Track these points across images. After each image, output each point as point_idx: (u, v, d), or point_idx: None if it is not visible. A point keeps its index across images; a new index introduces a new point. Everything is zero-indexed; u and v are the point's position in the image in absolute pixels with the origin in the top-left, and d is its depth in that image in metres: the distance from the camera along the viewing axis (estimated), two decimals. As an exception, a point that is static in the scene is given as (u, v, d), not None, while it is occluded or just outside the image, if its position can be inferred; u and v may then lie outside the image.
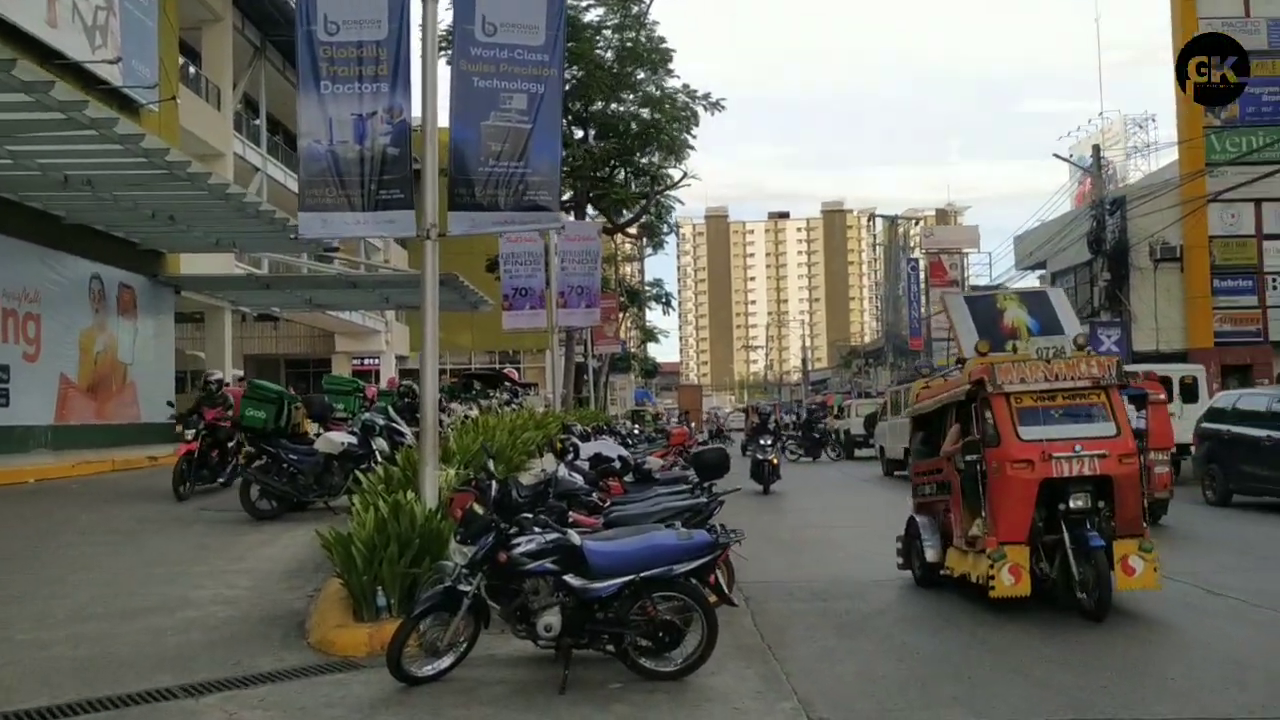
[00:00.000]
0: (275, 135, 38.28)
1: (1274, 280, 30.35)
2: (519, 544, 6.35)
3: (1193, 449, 17.97)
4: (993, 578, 8.15)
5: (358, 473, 10.92)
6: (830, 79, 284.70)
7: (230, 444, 14.26)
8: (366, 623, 7.47)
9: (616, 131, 28.89)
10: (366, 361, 50.30)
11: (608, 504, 9.62)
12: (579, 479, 9.82)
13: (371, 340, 48.19)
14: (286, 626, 7.81)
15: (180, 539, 11.46)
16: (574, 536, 6.46)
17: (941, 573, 9.43)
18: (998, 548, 8.21)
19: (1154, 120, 48.79)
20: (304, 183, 9.55)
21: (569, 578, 6.29)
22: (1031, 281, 48.90)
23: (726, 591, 6.69)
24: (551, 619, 6.25)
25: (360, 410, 15.45)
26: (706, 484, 10.53)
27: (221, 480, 14.27)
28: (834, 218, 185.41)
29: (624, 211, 31.49)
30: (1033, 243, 38.14)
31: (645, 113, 28.89)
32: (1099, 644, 7.53)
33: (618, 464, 11.61)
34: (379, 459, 12.51)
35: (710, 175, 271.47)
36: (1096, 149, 31.49)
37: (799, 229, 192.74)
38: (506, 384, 29.49)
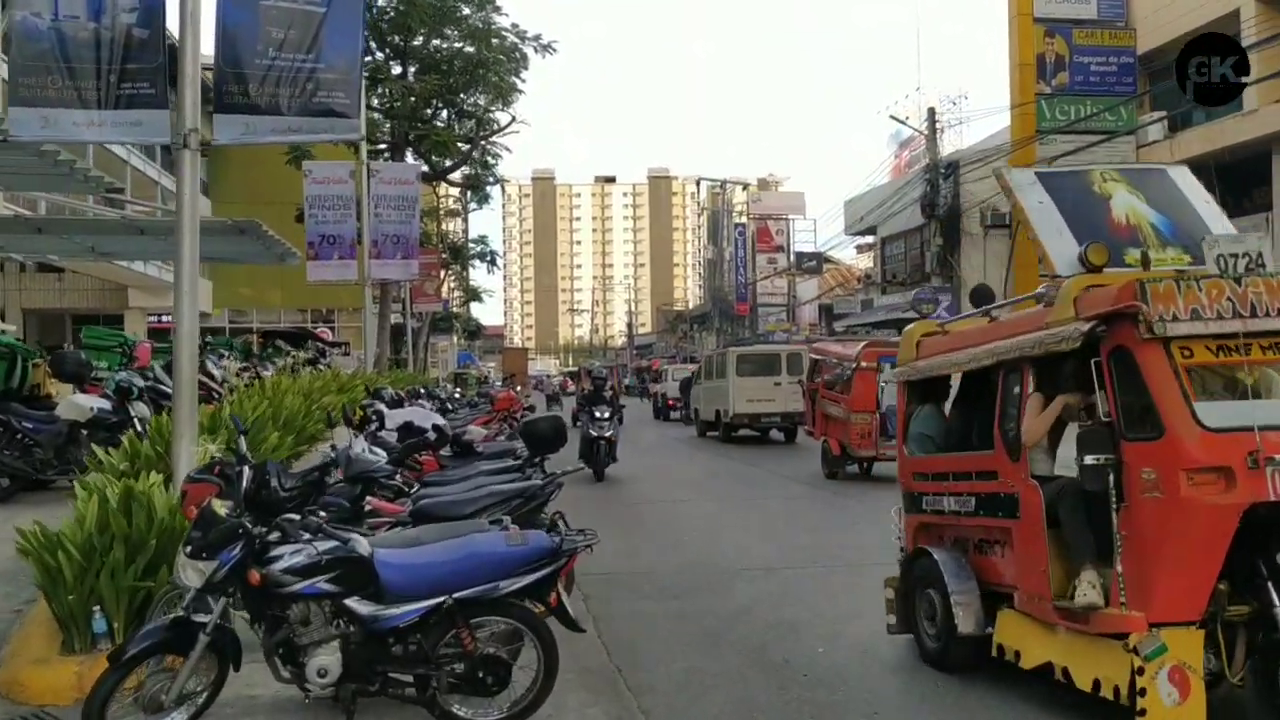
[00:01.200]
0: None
1: (1097, 250, 30.75)
2: (280, 556, 4.50)
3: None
4: (1142, 691, 4.61)
5: (95, 447, 8.68)
6: (655, 48, 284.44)
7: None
8: (78, 654, 5.50)
9: (439, 69, 26.47)
10: (165, 319, 46.15)
11: (415, 488, 7.81)
12: (380, 455, 7.96)
13: (169, 295, 43.93)
14: (-34, 661, 5.71)
15: None
16: (360, 545, 4.66)
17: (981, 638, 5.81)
18: (1149, 633, 4.68)
19: (966, 97, 49.64)
20: (17, 68, 7.33)
21: (353, 601, 4.52)
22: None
23: (571, 614, 4.99)
24: (327, 660, 4.47)
25: (119, 369, 12.94)
26: (538, 459, 8.92)
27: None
28: (660, 184, 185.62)
29: (447, 158, 29.05)
30: (863, 207, 37.85)
31: (471, 48, 26.52)
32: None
33: (432, 435, 9.79)
34: (140, 427, 10.26)
35: (539, 138, 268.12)
36: (931, 111, 31.24)
37: (625, 193, 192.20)
38: (311, 343, 26.79)
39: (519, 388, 29.05)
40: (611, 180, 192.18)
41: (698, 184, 79.63)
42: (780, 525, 11.85)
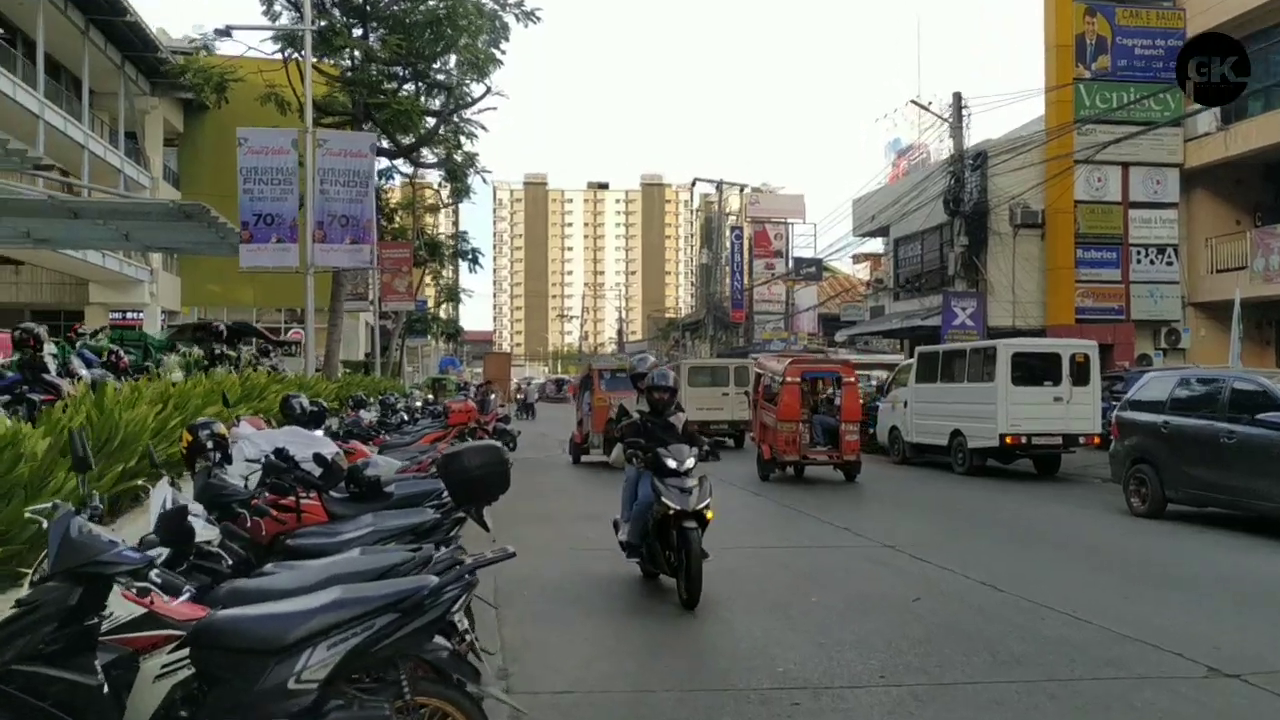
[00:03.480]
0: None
1: (1138, 253, 27.60)
2: None
3: (1114, 441, 14.26)
4: None
5: None
6: (651, 57, 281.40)
7: None
8: None
9: (405, 31, 23.17)
10: (129, 315, 43.16)
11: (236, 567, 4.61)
12: (198, 514, 4.77)
13: (134, 290, 41.43)
14: None
15: None
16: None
17: None
18: None
19: (967, 107, 46.03)
20: None
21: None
22: (874, 247, 46.11)
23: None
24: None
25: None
26: (464, 512, 5.81)
27: None
28: (653, 190, 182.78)
29: (410, 133, 25.68)
30: (874, 205, 34.67)
31: (442, 8, 23.17)
32: None
33: (313, 470, 6.59)
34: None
35: (531, 143, 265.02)
36: (958, 96, 28.06)
37: (618, 200, 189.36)
38: (254, 341, 23.42)
39: (494, 395, 25.70)
40: (605, 186, 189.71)
41: (692, 184, 76.22)
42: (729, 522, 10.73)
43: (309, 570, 4.33)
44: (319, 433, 9.80)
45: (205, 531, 4.78)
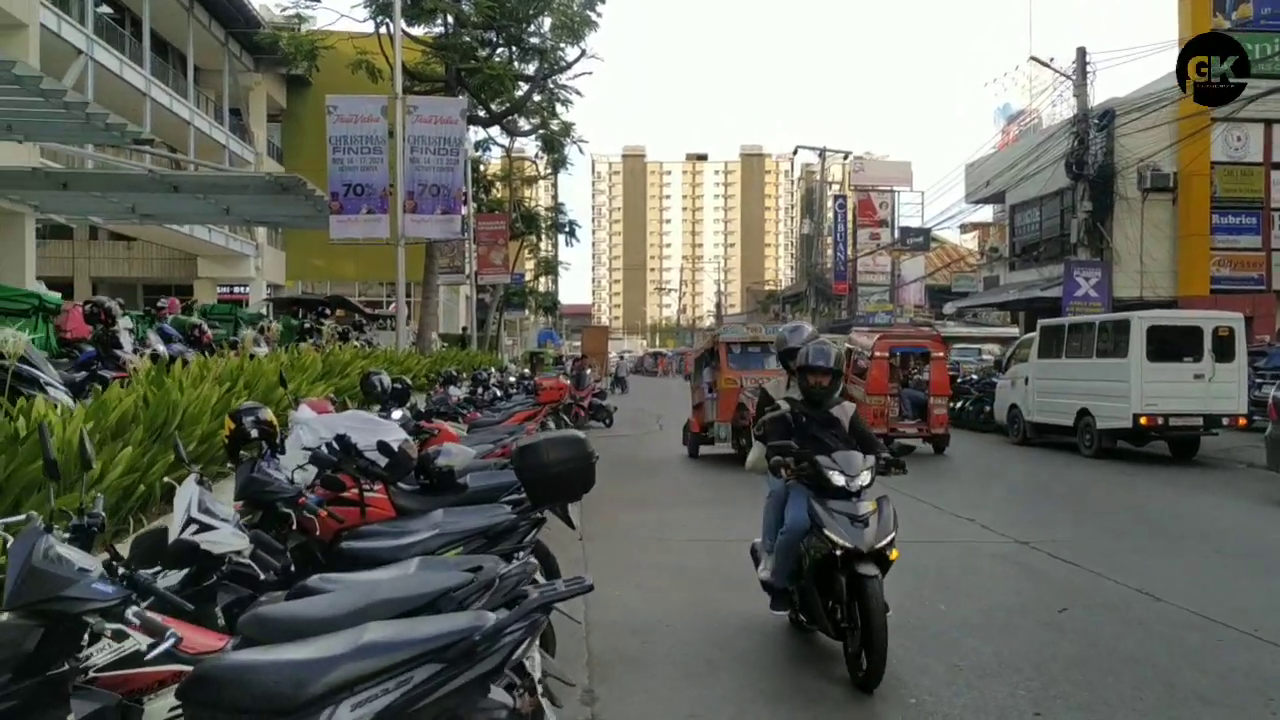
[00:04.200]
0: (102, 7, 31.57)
1: (1281, 218, 25.56)
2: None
3: (1271, 425, 12.84)
4: None
5: None
6: (751, 25, 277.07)
7: None
8: None
9: (499, -4, 22.38)
10: (236, 290, 44.04)
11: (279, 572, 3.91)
12: (221, 521, 4.06)
13: (240, 265, 42.24)
14: None
15: None
16: None
17: None
18: None
19: (1092, 63, 43.40)
20: None
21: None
22: (983, 216, 44.19)
23: None
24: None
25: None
26: (543, 511, 5.02)
27: None
28: (752, 161, 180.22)
29: (502, 99, 24.94)
30: (989, 170, 32.93)
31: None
32: None
33: (377, 459, 5.87)
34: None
35: (627, 115, 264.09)
36: (1081, 51, 26.19)
37: (717, 171, 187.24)
38: (344, 314, 23.03)
39: (589, 370, 25.02)
40: (703, 158, 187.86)
41: (794, 153, 74.21)
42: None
43: (345, 594, 3.55)
44: (398, 413, 9.15)
45: (234, 540, 4.05)
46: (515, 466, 5.04)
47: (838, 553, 5.59)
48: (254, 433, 5.11)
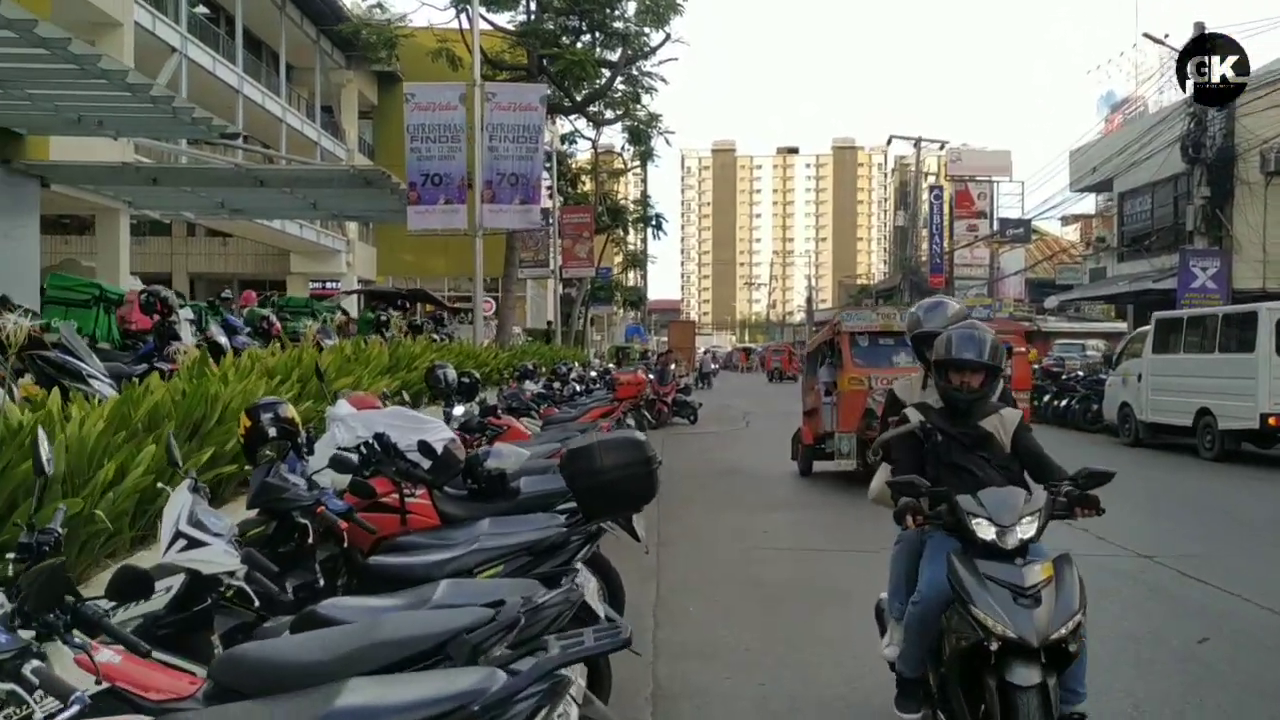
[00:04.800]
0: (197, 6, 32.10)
1: None
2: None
3: None
4: None
5: None
6: (844, 15, 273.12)
7: None
8: None
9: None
10: (329, 285, 44.59)
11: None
12: (212, 537, 3.47)
13: (331, 260, 42.71)
14: None
15: None
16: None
17: None
18: None
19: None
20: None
21: None
22: (1087, 206, 42.30)
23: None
24: None
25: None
26: (601, 523, 4.34)
27: None
28: (844, 154, 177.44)
29: (583, 86, 24.34)
30: (1095, 156, 31.32)
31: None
32: None
33: (419, 462, 5.26)
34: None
35: (716, 110, 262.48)
36: (1199, 26, 24.60)
37: (808, 164, 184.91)
38: (408, 306, 22.55)
39: (674, 365, 24.34)
40: (794, 151, 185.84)
41: (888, 142, 72.49)
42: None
43: (341, 633, 2.92)
44: (460, 409, 8.59)
45: (225, 559, 3.45)
46: (565, 473, 4.38)
47: (991, 645, 3.65)
48: (272, 431, 4.53)
